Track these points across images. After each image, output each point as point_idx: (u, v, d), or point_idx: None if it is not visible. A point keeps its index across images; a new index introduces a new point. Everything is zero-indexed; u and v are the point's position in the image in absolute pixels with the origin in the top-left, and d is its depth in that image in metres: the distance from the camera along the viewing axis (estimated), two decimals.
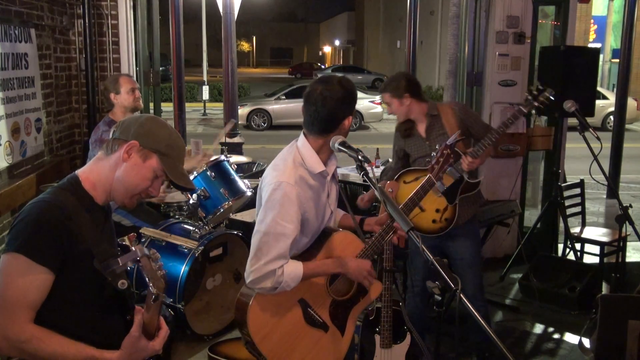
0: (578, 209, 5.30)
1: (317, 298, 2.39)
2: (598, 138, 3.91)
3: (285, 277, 2.19)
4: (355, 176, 5.18)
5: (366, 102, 17.13)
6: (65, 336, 1.72)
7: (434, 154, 2.67)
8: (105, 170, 1.84)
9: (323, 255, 2.35)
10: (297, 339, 2.33)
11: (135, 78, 5.31)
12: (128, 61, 5.10)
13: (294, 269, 2.22)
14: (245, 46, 66.04)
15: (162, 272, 1.72)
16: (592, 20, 23.26)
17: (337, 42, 56.12)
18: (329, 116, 2.26)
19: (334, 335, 2.43)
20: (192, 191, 4.10)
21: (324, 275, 2.39)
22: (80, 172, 1.86)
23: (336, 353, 2.46)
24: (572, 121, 4.53)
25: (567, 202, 5.23)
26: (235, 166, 4.46)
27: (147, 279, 1.69)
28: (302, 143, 2.33)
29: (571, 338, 4.17)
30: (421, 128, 3.46)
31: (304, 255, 2.35)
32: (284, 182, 2.22)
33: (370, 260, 2.43)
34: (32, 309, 1.69)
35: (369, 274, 2.39)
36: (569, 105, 4.22)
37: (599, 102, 9.99)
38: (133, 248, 1.70)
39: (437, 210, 3.35)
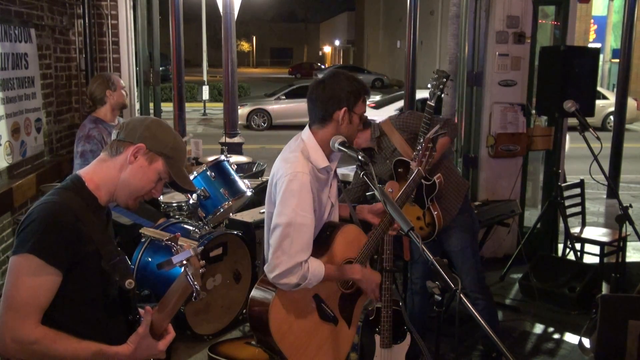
0: (578, 209, 5.30)
1: (329, 293, 2.42)
2: (598, 138, 3.92)
3: (310, 274, 2.20)
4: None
5: None
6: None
7: (419, 147, 2.71)
8: (111, 172, 1.85)
9: (332, 250, 2.35)
10: (311, 334, 2.36)
11: (135, 78, 5.33)
12: (128, 61, 5.09)
13: (318, 266, 2.24)
14: (245, 46, 66.02)
15: (203, 269, 1.80)
16: (592, 20, 23.26)
17: (337, 42, 56.12)
18: (321, 106, 2.29)
19: (342, 328, 2.47)
20: (192, 192, 4.11)
21: (339, 279, 2.42)
22: (83, 172, 1.86)
23: (344, 345, 2.50)
24: (572, 121, 4.54)
25: (567, 202, 5.23)
26: (235, 166, 4.46)
27: (190, 277, 1.73)
28: (307, 137, 2.35)
29: (571, 338, 4.17)
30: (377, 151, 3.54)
31: (314, 249, 2.34)
32: (300, 172, 2.22)
33: (378, 273, 2.51)
34: (41, 310, 1.69)
35: (377, 287, 2.46)
36: (569, 105, 4.22)
37: (599, 102, 9.97)
38: (183, 246, 1.78)
39: (419, 218, 3.44)
